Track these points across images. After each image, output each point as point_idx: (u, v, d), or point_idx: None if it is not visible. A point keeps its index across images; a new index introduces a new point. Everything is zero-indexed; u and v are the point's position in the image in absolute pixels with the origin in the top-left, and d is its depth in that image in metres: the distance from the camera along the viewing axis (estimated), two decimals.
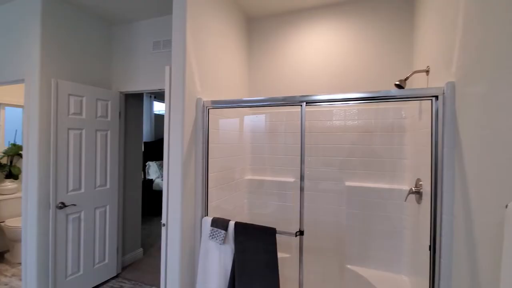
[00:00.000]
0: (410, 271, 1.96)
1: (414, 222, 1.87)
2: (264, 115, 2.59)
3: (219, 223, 1.71)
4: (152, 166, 5.52)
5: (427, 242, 1.36)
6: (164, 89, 2.47)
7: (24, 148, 2.24)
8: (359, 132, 2.24)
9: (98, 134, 2.51)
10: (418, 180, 1.76)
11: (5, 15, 2.34)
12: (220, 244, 1.71)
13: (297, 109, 2.44)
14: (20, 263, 2.97)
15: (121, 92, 2.72)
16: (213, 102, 1.75)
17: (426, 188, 1.55)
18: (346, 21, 2.32)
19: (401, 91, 1.41)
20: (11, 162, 3.22)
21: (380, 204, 2.10)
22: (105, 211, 2.60)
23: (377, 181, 2.19)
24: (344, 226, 2.23)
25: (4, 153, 3.17)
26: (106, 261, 2.62)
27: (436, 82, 1.45)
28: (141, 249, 3.22)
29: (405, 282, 1.99)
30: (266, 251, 1.61)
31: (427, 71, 1.65)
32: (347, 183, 2.23)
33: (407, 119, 2.11)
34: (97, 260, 2.53)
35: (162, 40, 2.51)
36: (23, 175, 2.24)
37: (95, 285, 2.53)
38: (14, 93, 3.31)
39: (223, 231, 1.69)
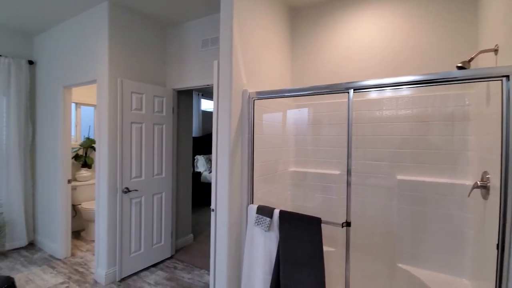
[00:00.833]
0: (473, 274, 1.77)
1: (478, 219, 1.68)
2: (307, 108, 2.56)
3: (264, 211, 1.77)
4: (200, 160, 5.87)
5: (494, 241, 1.22)
6: (211, 85, 2.62)
7: (97, 141, 2.59)
8: (413, 122, 2.08)
9: (155, 127, 2.77)
10: (485, 173, 1.57)
11: (81, 23, 2.72)
12: (265, 230, 1.76)
13: (342, 99, 2.37)
14: (93, 240, 3.46)
15: (174, 89, 2.96)
16: (258, 93, 1.81)
17: (495, 182, 1.38)
18: (400, 1, 2.16)
19: (464, 72, 1.27)
20: (86, 153, 3.75)
21: (438, 200, 1.93)
22: (161, 198, 2.87)
23: (434, 175, 2.01)
24: (395, 223, 2.10)
25: (80, 145, 3.71)
26: (162, 242, 2.90)
27: (508, 61, 1.28)
28: (191, 235, 3.48)
29: (467, 286, 1.80)
30: (311, 241, 1.62)
31: (496, 50, 1.46)
32: (399, 177, 2.10)
33: (471, 106, 1.89)
34: (155, 241, 2.82)
35: (210, 38, 2.65)
36: (96, 164, 2.59)
37: (153, 263, 2.82)
38: (87, 94, 3.84)
39: (268, 219, 1.74)
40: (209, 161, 5.89)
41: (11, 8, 2.61)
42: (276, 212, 1.73)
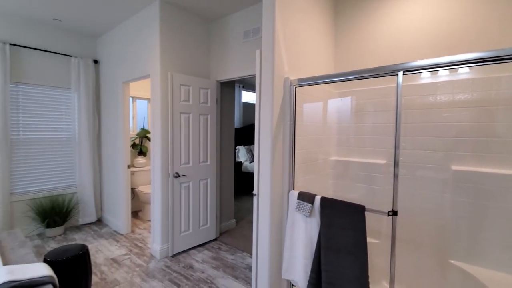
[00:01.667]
0: None
1: None
2: (350, 97, 2.48)
3: (305, 197, 1.79)
4: (241, 150, 6.07)
5: None
6: (253, 75, 2.69)
7: (151, 131, 2.86)
8: (472, 107, 1.88)
9: (201, 117, 2.95)
10: None
11: (136, 24, 2.99)
12: (306, 216, 1.79)
13: (389, 84, 2.25)
14: (149, 220, 3.86)
15: (217, 81, 3.11)
16: (300, 80, 1.82)
17: None
18: None
19: None
20: (141, 142, 4.16)
21: (500, 193, 1.74)
22: (206, 183, 3.07)
23: (496, 166, 1.81)
24: (449, 216, 1.96)
25: (137, 135, 4.12)
26: (208, 225, 3.12)
27: None
28: (233, 220, 3.66)
29: None
30: (353, 228, 1.61)
31: None
32: (454, 168, 1.94)
33: None
34: (201, 223, 3.04)
35: (252, 28, 2.70)
36: (151, 151, 2.87)
37: (199, 243, 3.05)
38: (142, 89, 4.22)
39: (309, 205, 1.77)
40: (249, 151, 6.04)
41: (80, 14, 2.98)
42: (318, 199, 1.75)
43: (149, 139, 4.27)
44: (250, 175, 5.51)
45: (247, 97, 6.85)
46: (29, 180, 3.23)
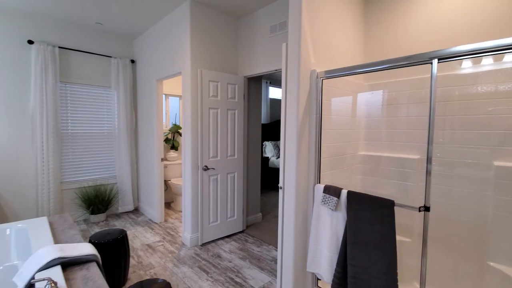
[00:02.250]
0: None
1: None
2: (382, 90, 2.38)
3: (331, 190, 1.78)
4: (268, 146, 6.10)
5: None
6: (280, 70, 2.70)
7: (182, 125, 3.01)
8: None
9: (229, 112, 3.04)
10: None
11: (168, 24, 3.15)
12: (332, 210, 1.78)
13: (424, 74, 2.12)
14: (180, 211, 4.07)
15: (245, 76, 3.16)
16: (326, 72, 1.79)
17: None
18: None
19: None
20: (173, 137, 4.39)
21: None
22: (234, 177, 3.16)
23: None
24: (489, 215, 1.82)
25: (169, 130, 4.35)
26: (235, 217, 3.21)
27: None
28: (260, 214, 3.72)
29: None
30: (382, 223, 1.57)
31: None
32: (497, 163, 1.79)
33: None
34: (229, 215, 3.14)
35: (278, 23, 2.71)
36: (182, 145, 3.02)
37: (227, 234, 3.16)
38: (174, 86, 4.43)
39: (335, 198, 1.76)
40: (276, 147, 6.06)
41: (118, 17, 3.21)
42: (344, 192, 1.73)
43: (180, 134, 4.48)
44: (277, 170, 5.53)
45: (274, 93, 6.85)
46: (76, 170, 3.58)
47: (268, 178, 5.55)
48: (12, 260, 1.64)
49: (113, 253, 2.08)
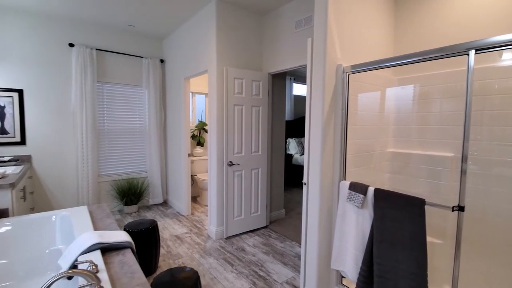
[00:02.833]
0: None
1: None
2: (413, 85, 2.28)
3: (357, 187, 1.75)
4: (291, 143, 6.07)
5: None
6: (304, 65, 2.68)
7: (208, 122, 3.10)
8: None
9: (253, 109, 3.07)
10: None
11: (195, 23, 3.25)
12: (357, 207, 1.75)
13: (460, 67, 1.99)
14: (206, 205, 4.20)
15: (269, 73, 3.18)
16: (353, 66, 1.76)
17: None
18: None
19: None
20: (199, 133, 4.53)
21: None
22: (258, 173, 3.20)
23: None
24: None
25: (195, 127, 4.50)
26: (259, 212, 3.25)
27: None
28: (283, 210, 3.73)
29: None
30: (411, 222, 1.52)
31: None
32: None
33: None
34: (252, 210, 3.20)
35: (304, 18, 2.68)
36: (208, 141, 3.12)
37: (250, 229, 3.21)
38: (200, 84, 4.56)
39: (361, 195, 1.72)
40: (300, 144, 6.01)
41: (149, 19, 3.37)
42: (371, 190, 1.69)
43: (206, 131, 4.61)
44: (300, 167, 5.49)
45: (299, 89, 6.78)
46: (112, 164, 3.83)
47: (292, 175, 5.54)
48: (57, 245, 1.81)
49: (145, 241, 2.21)
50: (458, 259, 1.40)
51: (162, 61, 4.11)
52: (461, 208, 1.38)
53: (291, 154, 5.61)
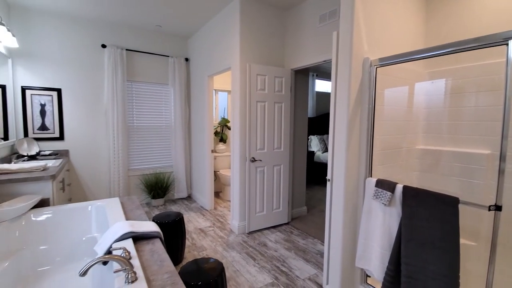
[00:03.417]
0: None
1: None
2: (444, 79, 2.15)
3: (385, 184, 1.70)
4: (313, 140, 5.99)
5: None
6: (328, 60, 2.63)
7: (231, 118, 3.15)
8: None
9: (276, 106, 3.07)
10: None
11: (219, 22, 3.30)
12: (384, 205, 1.70)
13: (496, 59, 1.85)
14: (228, 200, 4.28)
15: (291, 69, 3.15)
16: (381, 59, 1.70)
17: None
18: None
19: None
20: (222, 130, 4.61)
21: None
22: (280, 169, 3.21)
23: None
24: None
25: (218, 124, 4.58)
26: (280, 209, 3.26)
27: None
28: (305, 207, 3.71)
29: None
30: (443, 221, 1.45)
31: None
32: None
33: None
34: (274, 207, 3.21)
35: (328, 11, 2.63)
36: (231, 138, 3.17)
37: (272, 225, 3.23)
38: (222, 82, 4.63)
39: (388, 193, 1.67)
40: (322, 141, 5.91)
41: (175, 20, 3.47)
42: (399, 187, 1.64)
43: (228, 128, 4.68)
44: (323, 165, 5.40)
45: (321, 86, 6.65)
46: (140, 159, 4.02)
47: (314, 173, 5.47)
48: (92, 233, 1.94)
49: (172, 233, 2.31)
50: (493, 264, 1.32)
51: (187, 59, 4.23)
52: (498, 208, 1.30)
53: (313, 151, 5.53)
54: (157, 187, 3.93)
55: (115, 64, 3.60)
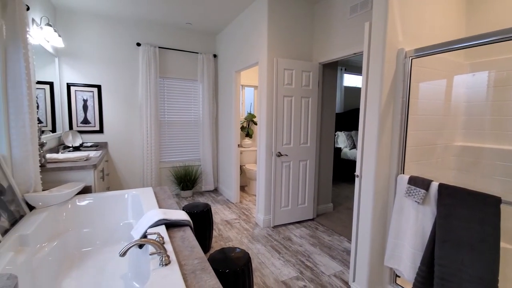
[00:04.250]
0: None
1: None
2: (487, 71, 1.99)
3: (418, 182, 1.63)
4: (340, 136, 5.84)
5: None
6: (359, 53, 2.54)
7: (257, 113, 3.18)
8: None
9: (303, 100, 3.04)
10: None
11: (246, 17, 3.32)
12: (418, 203, 1.63)
13: None
14: (254, 194, 4.34)
15: (319, 63, 3.09)
16: (417, 50, 1.61)
17: None
18: None
19: None
20: (248, 125, 4.66)
21: None
22: (306, 165, 3.18)
23: None
24: None
25: (244, 119, 4.64)
26: (306, 204, 3.24)
27: None
28: (331, 204, 3.65)
29: None
30: (482, 222, 1.36)
31: None
32: None
33: None
34: (299, 202, 3.20)
35: (359, 2, 2.53)
36: (257, 132, 3.20)
37: (297, 220, 3.23)
38: (248, 77, 4.67)
39: (422, 191, 1.60)
40: (350, 137, 5.74)
41: (204, 17, 3.55)
42: (434, 185, 1.56)
43: (254, 123, 4.72)
44: (350, 162, 5.25)
45: (350, 80, 6.44)
46: (171, 152, 4.21)
47: (340, 170, 5.34)
48: (129, 219, 2.09)
49: (200, 222, 2.41)
50: None
51: (215, 56, 4.32)
52: None
53: (340, 148, 5.40)
54: (186, 179, 4.09)
55: (148, 61, 3.78)
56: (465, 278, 1.40)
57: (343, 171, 5.33)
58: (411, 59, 1.66)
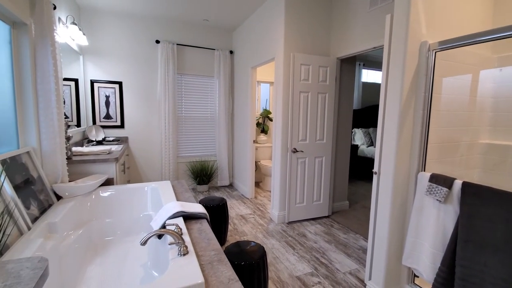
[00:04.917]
0: None
1: None
2: None
3: (440, 179, 1.57)
4: (357, 133, 5.71)
5: None
6: (378, 47, 2.47)
7: (273, 109, 3.17)
8: None
9: (319, 96, 3.01)
10: None
11: (263, 13, 3.31)
12: (439, 202, 1.58)
13: None
14: (268, 190, 4.35)
15: (337, 58, 3.04)
16: (441, 43, 1.55)
17: None
18: None
19: None
20: (263, 121, 4.67)
21: None
22: (321, 161, 3.15)
23: None
24: None
25: (260, 115, 4.65)
26: (321, 201, 3.22)
27: None
28: (347, 202, 3.60)
29: None
30: (508, 222, 1.30)
31: None
32: None
33: None
34: (315, 199, 3.18)
35: None
36: (273, 128, 3.20)
37: (312, 217, 3.21)
38: (264, 74, 4.66)
39: (444, 189, 1.55)
40: (367, 135, 5.60)
41: (221, 13, 3.57)
42: (458, 183, 1.50)
43: (270, 119, 4.71)
44: (367, 160, 5.14)
45: (368, 76, 6.27)
46: (187, 147, 4.30)
47: (357, 167, 5.24)
48: (148, 211, 2.16)
49: (216, 216, 2.45)
50: None
51: (231, 52, 4.34)
52: None
53: (357, 145, 5.29)
54: (202, 174, 4.17)
55: (167, 58, 3.86)
56: (487, 279, 1.35)
57: (360, 169, 5.23)
58: (435, 52, 1.59)
